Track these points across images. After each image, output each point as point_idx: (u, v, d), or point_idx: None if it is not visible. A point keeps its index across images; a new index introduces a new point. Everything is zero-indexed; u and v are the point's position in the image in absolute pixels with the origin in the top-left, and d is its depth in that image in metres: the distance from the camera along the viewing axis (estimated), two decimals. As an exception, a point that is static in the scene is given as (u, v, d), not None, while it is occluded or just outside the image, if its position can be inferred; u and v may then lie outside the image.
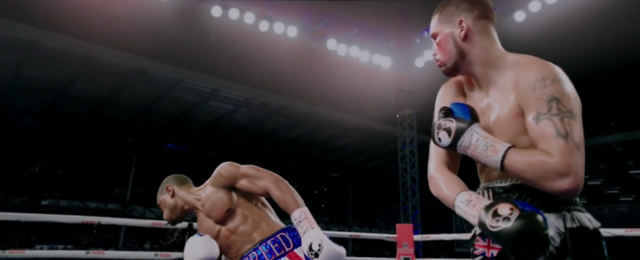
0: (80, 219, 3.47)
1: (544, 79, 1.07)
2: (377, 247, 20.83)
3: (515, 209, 0.96)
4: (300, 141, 19.12)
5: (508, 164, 1.03)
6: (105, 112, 15.56)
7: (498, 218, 0.96)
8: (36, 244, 14.43)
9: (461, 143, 1.10)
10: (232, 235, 1.66)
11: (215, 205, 1.70)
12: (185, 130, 17.96)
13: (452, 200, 1.14)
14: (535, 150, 1.03)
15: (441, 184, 1.21)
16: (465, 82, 1.33)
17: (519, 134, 1.11)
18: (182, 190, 1.85)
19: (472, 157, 1.12)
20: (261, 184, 1.64)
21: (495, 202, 1.01)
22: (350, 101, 16.27)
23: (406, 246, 4.54)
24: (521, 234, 0.93)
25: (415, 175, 10.73)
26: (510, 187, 1.12)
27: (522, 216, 0.94)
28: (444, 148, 1.17)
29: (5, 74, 12.52)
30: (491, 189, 1.17)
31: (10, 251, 3.10)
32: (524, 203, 0.99)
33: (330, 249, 1.40)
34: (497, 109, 1.17)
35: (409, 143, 11.00)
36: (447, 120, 1.13)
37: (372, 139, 18.62)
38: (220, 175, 1.72)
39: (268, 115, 16.61)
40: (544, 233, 0.94)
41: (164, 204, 1.86)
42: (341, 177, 23.47)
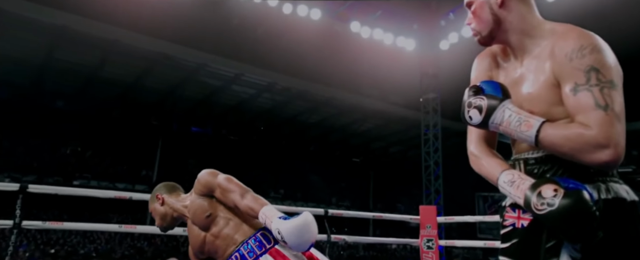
0: (113, 194, 3.60)
1: (582, 49, 1.03)
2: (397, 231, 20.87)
3: (559, 188, 0.95)
4: (322, 126, 19.15)
5: (543, 139, 1.01)
6: (132, 95, 15.94)
7: (543, 200, 0.96)
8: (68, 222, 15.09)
9: (493, 120, 1.08)
10: (217, 240, 1.68)
11: (196, 212, 1.73)
12: (208, 114, 18.24)
13: (496, 179, 1.14)
14: (571, 124, 1.01)
15: (483, 162, 1.21)
16: (500, 52, 1.29)
17: (554, 105, 1.08)
18: (171, 198, 1.88)
19: (505, 133, 1.10)
20: (230, 197, 1.65)
21: (539, 183, 1.00)
22: (373, 86, 16.14)
23: (429, 228, 4.54)
24: (567, 214, 0.92)
25: (438, 160, 10.63)
26: (542, 158, 1.10)
27: (566, 196, 0.93)
28: (475, 126, 1.15)
29: (38, 58, 12.96)
30: (523, 160, 1.15)
31: (51, 223, 3.26)
32: (567, 180, 0.98)
33: (291, 227, 1.39)
34: (532, 79, 1.14)
35: (433, 127, 10.87)
36: (478, 98, 1.11)
37: (394, 124, 18.49)
38: (199, 183, 1.75)
39: (290, 99, 16.67)
40: (591, 211, 0.92)
41: (155, 212, 1.89)
42: (362, 162, 23.45)
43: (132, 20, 11.15)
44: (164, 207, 1.85)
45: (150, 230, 4.11)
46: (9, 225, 3.08)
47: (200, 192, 1.74)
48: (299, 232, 1.38)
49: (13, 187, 3.14)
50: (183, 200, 1.84)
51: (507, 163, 1.19)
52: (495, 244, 4.19)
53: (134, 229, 3.67)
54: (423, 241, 4.50)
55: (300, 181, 20.39)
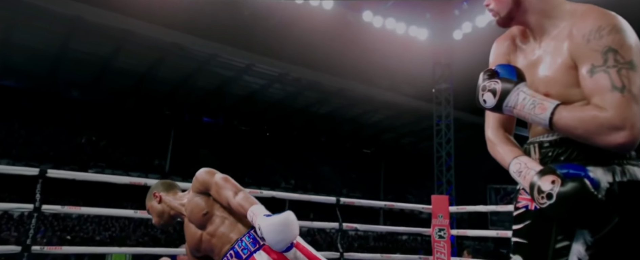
0: (128, 179, 3.67)
1: (600, 30, 1.01)
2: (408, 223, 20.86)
3: (557, 178, 0.95)
4: (333, 117, 19.15)
5: (557, 122, 1.00)
6: (145, 85, 16.11)
7: (542, 193, 0.97)
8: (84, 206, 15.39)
9: (507, 103, 1.08)
10: (213, 239, 1.68)
11: (193, 210, 1.74)
12: (220, 105, 18.35)
13: (507, 167, 1.16)
14: (586, 106, 0.99)
15: (498, 149, 1.22)
16: (519, 34, 1.28)
17: (571, 87, 1.06)
18: (168, 196, 1.89)
19: (519, 117, 1.09)
20: (224, 194, 1.65)
21: (540, 174, 1.00)
22: (384, 76, 16.04)
23: (441, 217, 4.53)
24: (567, 204, 0.93)
25: (450, 150, 10.56)
26: (557, 141, 1.09)
27: (564, 185, 0.94)
28: (489, 110, 1.15)
29: (54, 47, 13.16)
30: (537, 143, 1.14)
31: (69, 207, 3.34)
32: (568, 166, 0.98)
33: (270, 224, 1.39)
34: (549, 61, 1.12)
35: (445, 117, 10.79)
36: (492, 81, 1.11)
37: (405, 115, 18.40)
38: (196, 181, 1.76)
39: (301, 90, 16.68)
40: (592, 197, 0.92)
41: (152, 210, 1.88)
42: (373, 153, 23.42)
43: (145, 10, 11.23)
44: (162, 205, 1.85)
45: None
46: (29, 209, 3.15)
47: (198, 189, 1.75)
48: (279, 229, 1.38)
49: (33, 171, 3.21)
50: (180, 198, 1.85)
51: (521, 149, 1.19)
52: (507, 234, 4.18)
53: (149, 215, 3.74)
54: (435, 230, 4.50)
55: (311, 172, 20.47)
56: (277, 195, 4.19)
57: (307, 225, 4.22)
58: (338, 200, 4.31)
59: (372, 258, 4.46)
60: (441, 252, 4.40)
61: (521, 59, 1.24)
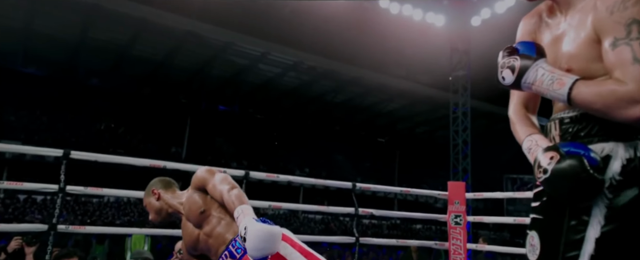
0: (148, 162, 3.74)
1: (624, 1, 0.98)
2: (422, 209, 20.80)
3: (556, 155, 0.96)
4: (348, 105, 19.10)
5: (575, 97, 0.98)
6: (162, 73, 16.28)
7: (539, 168, 0.99)
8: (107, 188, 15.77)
9: (526, 80, 1.07)
10: (209, 239, 1.68)
11: (191, 208, 1.73)
12: (235, 93, 18.46)
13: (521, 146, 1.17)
14: (605, 80, 0.98)
15: (516, 128, 1.23)
16: (546, 9, 1.25)
17: (594, 62, 1.04)
18: (167, 193, 1.89)
19: (538, 93, 1.08)
20: (219, 188, 1.64)
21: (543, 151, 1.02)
22: (400, 65, 15.89)
23: (458, 204, 4.51)
24: (557, 180, 0.96)
25: (467, 138, 10.44)
26: (577, 117, 1.08)
27: (559, 162, 0.95)
28: (508, 87, 1.14)
29: (74, 36, 13.37)
30: (558, 120, 1.12)
31: (91, 188, 3.43)
32: (572, 144, 0.99)
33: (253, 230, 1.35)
34: (573, 35, 1.10)
35: (462, 105, 10.66)
36: (511, 58, 1.10)
37: (421, 104, 18.24)
38: (196, 178, 1.75)
39: (316, 78, 16.65)
40: (584, 174, 0.93)
41: (150, 207, 1.89)
42: (388, 142, 23.33)
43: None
44: (160, 202, 1.86)
45: None
46: (54, 189, 3.25)
47: (196, 186, 1.75)
48: (264, 237, 1.34)
49: (57, 152, 3.30)
50: (179, 197, 1.85)
51: (538, 128, 1.19)
52: (524, 221, 4.15)
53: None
54: (451, 217, 4.49)
55: (325, 160, 20.52)
56: (294, 180, 4.22)
57: (322, 210, 4.25)
58: (354, 186, 4.33)
59: (387, 243, 4.48)
60: (457, 238, 4.39)
61: (547, 34, 1.22)
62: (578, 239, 0.97)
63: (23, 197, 13.99)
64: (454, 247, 4.37)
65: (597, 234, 0.96)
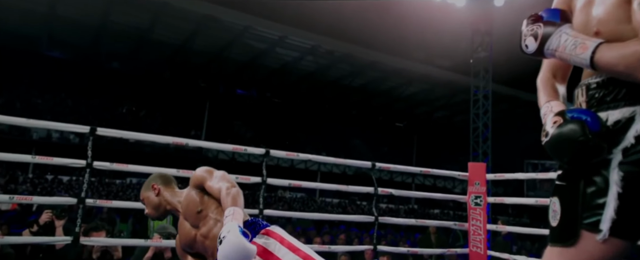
0: (171, 139, 3.82)
1: None
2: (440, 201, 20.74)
3: (559, 120, 0.99)
4: (365, 90, 18.98)
5: (598, 60, 0.96)
6: (181, 57, 16.45)
7: (544, 133, 1.02)
8: (127, 176, 16.22)
9: (549, 46, 1.05)
10: (206, 240, 1.68)
11: (188, 206, 1.72)
12: (253, 77, 18.54)
13: None
14: (629, 41, 0.95)
15: (539, 95, 1.22)
16: None
17: (622, 23, 1.01)
18: (167, 190, 1.87)
19: (561, 59, 1.07)
20: (218, 184, 1.63)
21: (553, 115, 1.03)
22: (419, 48, 15.63)
23: (478, 184, 4.47)
24: (554, 144, 0.99)
25: (487, 122, 10.25)
26: (604, 82, 1.05)
27: (560, 126, 0.97)
28: (531, 55, 1.12)
29: (95, 19, 13.58)
30: (585, 86, 1.10)
31: (117, 164, 3.52)
32: (577, 110, 1.00)
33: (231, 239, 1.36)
34: None
35: (483, 88, 10.44)
36: (535, 25, 1.08)
37: (440, 88, 17.99)
38: (194, 176, 1.75)
39: (333, 62, 16.56)
40: (582, 138, 0.94)
41: (148, 201, 1.88)
42: (406, 127, 23.16)
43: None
44: (159, 198, 1.85)
45: None
46: (82, 165, 3.36)
47: (194, 184, 1.75)
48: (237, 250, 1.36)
49: (84, 129, 3.40)
50: (178, 195, 1.85)
51: (558, 95, 1.19)
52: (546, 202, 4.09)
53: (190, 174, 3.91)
54: (471, 198, 4.46)
55: (343, 145, 20.52)
56: (313, 158, 4.25)
57: (342, 189, 4.28)
58: (373, 165, 4.34)
59: (406, 223, 4.49)
60: (477, 219, 4.37)
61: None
62: (598, 204, 0.96)
63: (50, 177, 14.49)
64: (474, 227, 4.36)
65: (616, 199, 0.94)
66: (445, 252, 4.56)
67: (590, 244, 0.96)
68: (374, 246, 4.08)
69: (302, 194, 18.66)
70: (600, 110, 1.02)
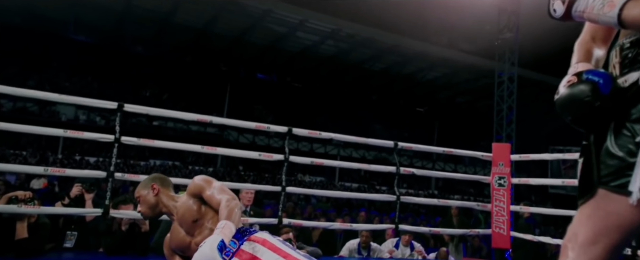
0: (196, 116, 3.87)
1: None
2: (460, 184, 20.55)
3: (573, 79, 1.00)
4: (386, 74, 18.76)
5: (626, 17, 0.92)
6: (203, 41, 16.56)
7: (557, 91, 1.04)
8: (151, 158, 16.63)
9: (576, 8, 1.03)
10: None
11: (185, 214, 1.78)
12: (273, 61, 18.55)
13: None
14: None
15: (572, 58, 1.21)
16: None
17: None
18: (164, 193, 1.92)
19: (589, 21, 1.05)
20: (218, 196, 1.72)
21: (570, 75, 1.04)
22: (442, 31, 15.31)
23: (502, 165, 4.40)
24: (562, 102, 1.00)
25: (512, 104, 9.99)
26: (637, 41, 1.02)
27: (572, 85, 0.99)
28: (559, 20, 1.10)
29: (119, 4, 13.76)
30: (619, 46, 1.07)
31: (144, 140, 3.60)
32: (593, 71, 1.00)
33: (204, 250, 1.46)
34: None
35: (508, 69, 10.15)
36: None
37: (463, 72, 17.63)
38: (193, 184, 1.81)
39: (354, 46, 16.40)
40: (587, 99, 0.95)
41: (144, 200, 1.91)
42: (427, 112, 22.87)
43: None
44: (156, 198, 1.90)
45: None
46: (110, 139, 3.44)
47: (192, 192, 1.80)
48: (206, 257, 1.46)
49: (112, 105, 3.47)
50: (174, 198, 1.90)
51: (590, 58, 1.18)
52: (573, 182, 4.00)
53: (215, 151, 3.97)
54: (494, 178, 4.40)
55: (363, 129, 20.38)
56: (335, 137, 4.24)
57: (364, 167, 4.28)
58: (396, 145, 4.32)
59: (428, 202, 4.46)
60: (500, 200, 4.31)
61: None
62: (625, 164, 0.93)
63: (78, 158, 14.98)
64: (497, 208, 4.30)
65: None
66: (467, 233, 4.52)
67: (621, 207, 0.92)
68: (395, 225, 4.09)
69: (321, 177, 18.77)
70: (632, 70, 0.99)
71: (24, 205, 3.02)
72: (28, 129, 3.29)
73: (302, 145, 18.32)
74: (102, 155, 14.60)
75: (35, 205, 3.09)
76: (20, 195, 3.04)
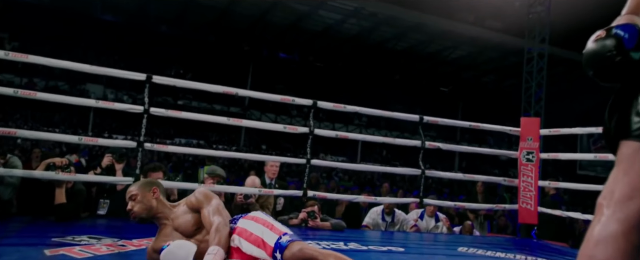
0: (222, 89, 3.91)
1: None
2: (485, 163, 20.23)
3: (602, 33, 1.00)
4: (409, 53, 18.41)
5: None
6: (225, 21, 16.58)
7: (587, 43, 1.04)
8: (175, 136, 17.00)
9: None
10: (201, 244, 1.87)
11: (186, 225, 1.93)
12: (295, 40, 18.45)
13: None
14: None
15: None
16: None
17: None
18: (161, 199, 2.01)
19: None
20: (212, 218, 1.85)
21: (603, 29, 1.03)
22: (468, 8, 14.84)
23: (530, 140, 4.30)
24: (585, 56, 1.01)
25: (541, 81, 9.66)
26: None
27: (599, 39, 0.99)
28: None
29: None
30: None
31: (172, 111, 3.67)
32: (624, 26, 0.99)
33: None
34: None
35: (539, 44, 9.77)
36: None
37: (489, 51, 17.13)
38: (195, 199, 1.94)
39: (376, 25, 16.11)
40: (609, 54, 0.95)
41: (142, 199, 1.96)
42: (451, 92, 22.43)
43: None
44: (155, 201, 1.97)
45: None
46: (139, 110, 3.53)
47: (192, 207, 1.93)
48: None
49: (140, 76, 3.54)
50: (169, 206, 2.00)
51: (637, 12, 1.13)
52: (606, 157, 3.88)
53: (240, 123, 4.02)
54: (522, 153, 4.31)
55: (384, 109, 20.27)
56: (360, 110, 4.21)
57: (389, 141, 4.26)
58: (421, 118, 4.27)
59: (453, 176, 4.42)
60: (528, 175, 4.24)
61: None
62: None
63: (106, 135, 15.44)
64: (525, 184, 4.23)
65: None
66: (493, 208, 4.47)
67: None
68: (420, 199, 4.07)
69: (343, 157, 18.79)
70: None
71: (61, 172, 3.15)
72: (63, 99, 3.41)
73: (324, 126, 18.34)
74: (130, 133, 14.99)
75: (71, 172, 3.21)
76: (57, 162, 3.16)
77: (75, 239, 2.50)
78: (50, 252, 2.18)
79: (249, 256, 1.80)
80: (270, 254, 1.75)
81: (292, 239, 1.75)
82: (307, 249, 1.69)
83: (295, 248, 1.69)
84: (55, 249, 2.24)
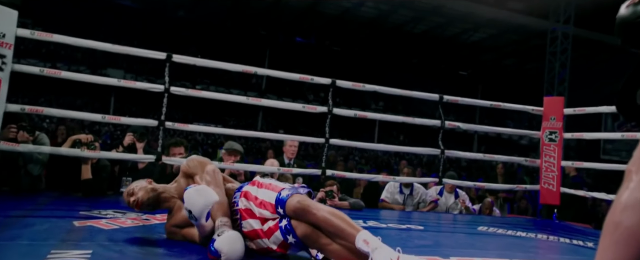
0: (240, 67, 3.93)
1: None
2: (504, 148, 19.94)
3: (633, 2, 0.96)
4: (428, 36, 18.08)
5: None
6: (242, 5, 16.52)
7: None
8: (193, 121, 17.22)
9: None
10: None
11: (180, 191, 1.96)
12: (312, 25, 18.29)
13: None
14: None
15: None
16: None
17: None
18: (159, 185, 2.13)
19: None
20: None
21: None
22: (489, -11, 14.43)
23: (553, 120, 4.21)
24: (616, 23, 0.97)
25: (565, 61, 9.38)
26: None
27: (628, 6, 0.96)
28: None
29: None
30: None
31: (192, 90, 3.71)
32: None
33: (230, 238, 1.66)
34: None
35: (563, 23, 9.44)
36: None
37: (510, 33, 16.66)
38: (187, 166, 2.02)
39: (394, 8, 15.81)
40: (635, 21, 0.93)
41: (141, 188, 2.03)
42: (470, 75, 22.02)
43: None
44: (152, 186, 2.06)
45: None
46: (160, 89, 3.58)
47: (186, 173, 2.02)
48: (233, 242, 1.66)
49: (161, 55, 3.58)
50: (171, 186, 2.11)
51: None
52: (633, 136, 3.77)
53: (260, 102, 4.03)
54: (545, 133, 4.22)
55: (402, 94, 20.11)
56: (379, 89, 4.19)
57: (408, 121, 4.23)
58: (441, 98, 4.22)
59: (473, 156, 4.38)
60: (551, 155, 4.16)
61: None
62: None
63: (128, 120, 15.74)
64: (547, 164, 4.16)
65: None
66: (513, 188, 4.42)
67: None
68: (439, 179, 4.05)
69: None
70: None
71: (87, 149, 3.23)
72: (87, 78, 3.49)
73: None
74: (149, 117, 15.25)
75: (96, 149, 3.29)
76: (82, 138, 3.25)
77: (101, 213, 2.58)
78: (79, 223, 2.25)
79: (259, 217, 1.83)
80: (273, 210, 1.76)
81: (292, 192, 1.75)
82: (304, 201, 1.69)
83: (295, 200, 1.70)
84: (83, 220, 2.31)
